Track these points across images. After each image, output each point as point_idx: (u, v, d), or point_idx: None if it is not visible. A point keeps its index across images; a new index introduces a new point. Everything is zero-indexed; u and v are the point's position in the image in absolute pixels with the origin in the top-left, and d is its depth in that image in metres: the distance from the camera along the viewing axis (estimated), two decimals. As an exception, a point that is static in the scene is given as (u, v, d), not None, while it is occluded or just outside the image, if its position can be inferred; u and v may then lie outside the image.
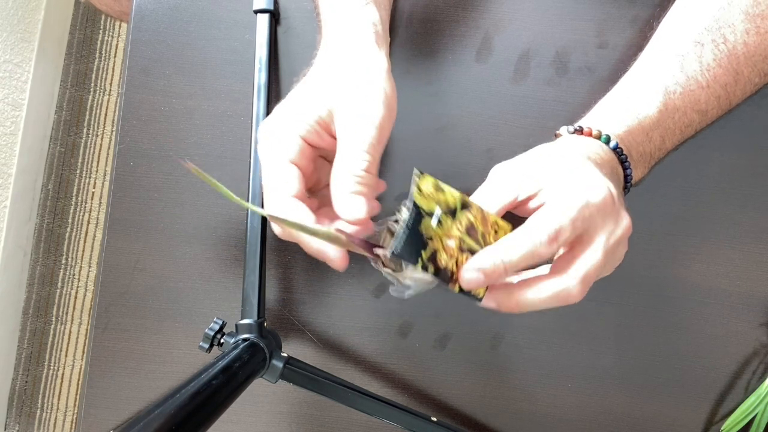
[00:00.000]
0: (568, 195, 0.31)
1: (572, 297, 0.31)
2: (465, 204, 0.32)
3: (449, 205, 0.31)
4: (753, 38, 0.39)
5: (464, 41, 0.48)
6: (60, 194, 1.27)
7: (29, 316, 1.25)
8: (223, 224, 0.47)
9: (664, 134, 0.40)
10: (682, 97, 0.39)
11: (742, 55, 0.39)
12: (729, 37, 0.39)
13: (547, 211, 0.31)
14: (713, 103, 0.40)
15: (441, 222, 0.31)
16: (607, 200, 0.31)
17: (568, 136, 0.39)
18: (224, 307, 0.47)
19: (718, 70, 0.39)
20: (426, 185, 0.31)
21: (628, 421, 0.46)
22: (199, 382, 0.30)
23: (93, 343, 0.47)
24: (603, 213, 0.31)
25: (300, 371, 0.40)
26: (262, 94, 0.44)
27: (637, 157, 0.39)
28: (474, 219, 0.31)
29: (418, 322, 0.46)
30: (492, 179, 0.35)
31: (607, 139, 0.38)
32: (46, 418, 1.23)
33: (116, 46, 1.31)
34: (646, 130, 0.39)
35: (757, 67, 0.40)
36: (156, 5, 0.49)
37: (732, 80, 0.39)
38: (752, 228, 0.46)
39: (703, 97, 0.39)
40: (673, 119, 0.39)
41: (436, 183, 0.31)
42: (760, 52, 0.39)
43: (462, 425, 0.46)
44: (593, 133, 0.38)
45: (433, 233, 0.30)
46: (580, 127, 0.38)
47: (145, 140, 0.48)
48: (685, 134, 0.41)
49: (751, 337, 0.46)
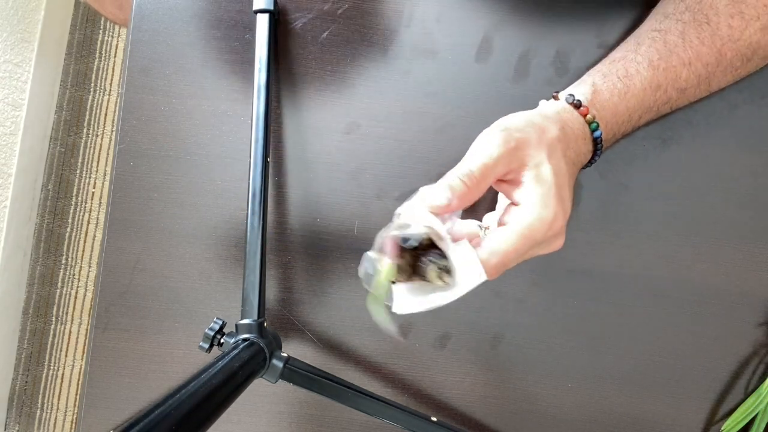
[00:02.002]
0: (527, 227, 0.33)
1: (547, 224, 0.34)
2: None
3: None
4: (738, 22, 0.39)
5: (464, 41, 0.48)
6: (60, 194, 1.27)
7: (29, 316, 1.25)
8: (223, 224, 0.47)
9: (643, 113, 0.41)
10: (665, 72, 0.40)
11: (726, 36, 0.39)
12: (712, 18, 0.39)
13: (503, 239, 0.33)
14: (693, 81, 0.41)
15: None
16: (556, 227, 0.34)
17: (565, 105, 0.39)
18: (224, 307, 0.47)
19: (702, 48, 0.40)
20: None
21: (628, 421, 0.46)
22: (199, 382, 0.30)
23: (93, 343, 0.47)
24: (548, 240, 0.35)
25: (300, 371, 0.39)
26: (262, 94, 0.44)
27: (610, 138, 0.41)
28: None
29: (418, 322, 0.46)
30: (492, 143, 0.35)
31: (596, 127, 0.39)
32: (46, 418, 1.23)
33: (116, 46, 1.31)
34: (629, 111, 0.40)
35: (739, 52, 0.40)
36: (156, 5, 0.49)
37: (714, 60, 0.40)
38: (752, 228, 0.46)
39: (684, 74, 0.40)
40: (654, 97, 0.40)
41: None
42: (745, 37, 0.39)
43: (462, 425, 0.46)
44: (587, 116, 0.39)
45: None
46: (579, 102, 0.39)
47: (145, 140, 0.48)
48: (661, 111, 0.42)
49: (751, 337, 0.46)
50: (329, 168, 0.47)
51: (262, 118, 0.44)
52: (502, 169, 0.34)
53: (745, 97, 0.47)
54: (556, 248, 0.36)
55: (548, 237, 0.34)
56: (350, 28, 0.48)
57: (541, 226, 0.33)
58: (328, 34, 0.48)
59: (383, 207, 0.47)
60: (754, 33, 0.39)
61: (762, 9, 0.39)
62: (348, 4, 0.48)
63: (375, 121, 0.47)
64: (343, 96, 0.48)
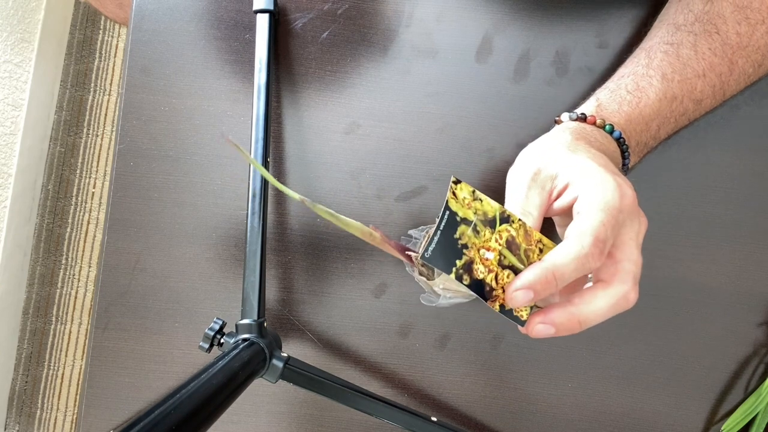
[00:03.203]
0: (601, 202, 0.30)
1: (630, 301, 0.30)
2: (505, 216, 0.30)
3: (487, 214, 0.29)
4: (744, 28, 0.39)
5: (464, 41, 0.48)
6: (60, 194, 1.27)
7: (29, 316, 1.24)
8: (223, 224, 0.47)
9: (660, 123, 0.40)
10: (680, 85, 0.39)
11: (735, 45, 0.39)
12: (721, 27, 0.39)
13: (586, 221, 0.30)
14: (708, 92, 0.40)
15: (478, 231, 0.29)
16: (633, 202, 0.31)
17: (569, 123, 0.38)
18: (224, 307, 0.47)
19: (714, 59, 0.40)
20: (462, 193, 0.29)
21: (628, 421, 0.46)
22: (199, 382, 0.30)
23: (93, 343, 0.47)
24: (631, 215, 0.31)
25: (300, 371, 0.39)
26: (262, 94, 0.44)
27: (635, 145, 0.40)
28: (516, 233, 0.30)
29: (418, 322, 0.46)
30: (521, 181, 0.33)
31: (611, 128, 0.38)
32: (46, 418, 1.23)
33: (116, 46, 1.31)
34: (646, 120, 0.39)
35: (750, 58, 0.40)
36: (156, 5, 0.49)
37: (727, 69, 0.40)
38: (752, 228, 0.46)
39: (699, 85, 0.40)
40: (671, 108, 0.40)
41: (473, 191, 0.29)
42: (753, 42, 0.39)
43: (462, 425, 0.46)
44: (596, 122, 0.38)
45: (470, 242, 0.29)
46: (583, 115, 0.38)
47: (145, 140, 0.48)
48: (679, 123, 0.42)
49: (751, 337, 0.46)
50: (329, 168, 0.47)
51: (262, 118, 0.44)
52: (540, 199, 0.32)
53: (745, 97, 0.47)
54: (645, 224, 0.32)
55: (627, 207, 0.30)
56: (350, 28, 0.48)
57: (610, 194, 0.30)
58: (328, 34, 0.48)
59: (383, 207, 0.47)
60: (762, 36, 0.39)
61: (766, 12, 0.39)
62: (348, 4, 0.48)
63: (375, 121, 0.47)
64: (343, 96, 0.48)
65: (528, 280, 0.29)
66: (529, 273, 0.29)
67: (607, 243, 0.29)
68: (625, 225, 0.31)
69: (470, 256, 0.29)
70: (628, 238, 0.31)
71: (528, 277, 0.29)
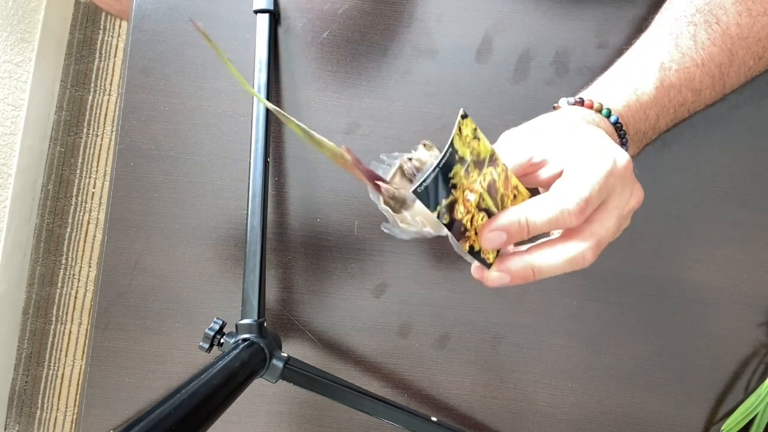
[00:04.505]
0: (591, 163, 0.30)
1: (586, 261, 0.30)
2: (493, 159, 0.29)
3: (480, 155, 0.28)
4: (745, 19, 0.39)
5: (464, 41, 0.48)
6: (60, 194, 1.27)
7: (29, 316, 1.25)
8: (223, 224, 0.47)
9: (659, 112, 0.40)
10: (678, 74, 0.39)
11: (735, 35, 0.39)
12: (722, 18, 0.39)
13: (573, 179, 0.30)
14: (707, 83, 0.40)
15: (469, 172, 0.28)
16: (628, 168, 0.31)
17: (568, 107, 0.38)
18: (224, 307, 0.47)
19: (713, 49, 0.39)
20: (467, 129, 0.28)
21: (628, 421, 0.46)
22: (199, 382, 0.30)
23: (93, 343, 0.47)
24: (623, 181, 0.31)
25: (300, 371, 0.39)
26: (261, 94, 0.44)
27: (633, 134, 0.40)
28: (498, 177, 0.29)
29: (418, 322, 0.46)
30: (505, 141, 0.34)
31: (609, 112, 0.38)
32: (46, 418, 1.23)
33: (116, 46, 1.31)
34: (644, 107, 0.39)
35: (751, 50, 0.40)
36: (156, 5, 0.49)
37: (726, 60, 0.40)
38: (752, 228, 0.46)
39: (698, 75, 0.40)
40: (669, 97, 0.40)
41: (475, 129, 0.28)
42: (754, 34, 0.39)
43: (462, 425, 0.46)
44: (594, 106, 0.38)
45: (459, 182, 0.28)
46: (581, 99, 0.38)
47: (145, 140, 0.48)
48: (678, 114, 0.41)
49: (751, 337, 0.46)
50: (329, 168, 0.47)
51: (262, 118, 0.44)
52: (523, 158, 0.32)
53: (745, 97, 0.47)
54: (637, 197, 0.32)
55: (618, 172, 0.30)
56: (350, 28, 0.48)
57: (603, 157, 0.30)
58: (328, 34, 0.48)
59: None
60: (763, 28, 0.39)
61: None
62: (348, 4, 0.48)
63: (375, 121, 0.47)
64: (343, 96, 0.48)
65: (503, 224, 0.29)
66: (505, 217, 0.29)
67: (590, 204, 0.29)
68: (614, 191, 0.30)
69: (456, 196, 0.28)
70: (612, 206, 0.31)
71: (504, 221, 0.29)
